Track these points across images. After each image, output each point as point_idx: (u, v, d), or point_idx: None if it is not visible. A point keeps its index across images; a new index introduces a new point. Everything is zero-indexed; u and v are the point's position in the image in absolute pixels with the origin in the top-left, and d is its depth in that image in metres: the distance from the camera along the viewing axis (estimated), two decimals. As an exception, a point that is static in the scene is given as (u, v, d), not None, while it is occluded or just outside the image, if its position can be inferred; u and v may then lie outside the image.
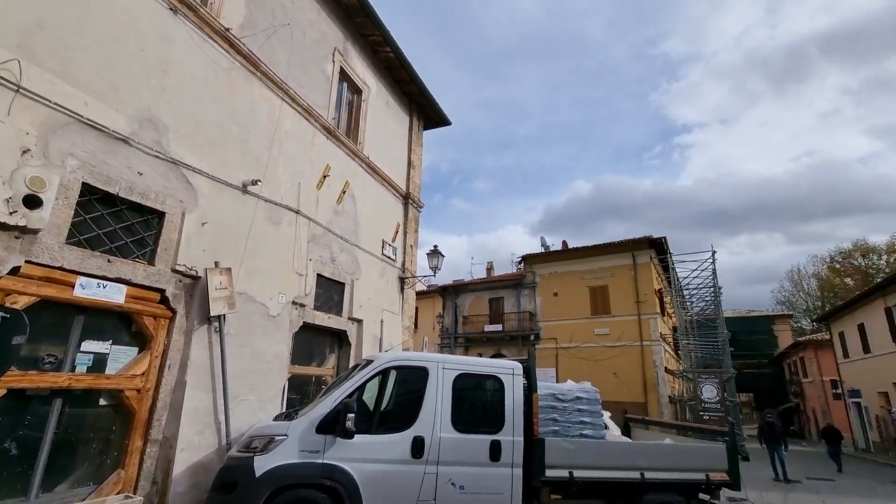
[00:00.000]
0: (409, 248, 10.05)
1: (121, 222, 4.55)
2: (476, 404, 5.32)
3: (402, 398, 5.12)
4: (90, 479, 4.21)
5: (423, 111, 10.95)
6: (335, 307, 7.59)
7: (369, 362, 4.97)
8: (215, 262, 5.27)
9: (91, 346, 4.25)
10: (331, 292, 7.51)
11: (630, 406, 17.06)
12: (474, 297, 26.35)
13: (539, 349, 22.62)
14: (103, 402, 4.38)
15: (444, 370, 4.97)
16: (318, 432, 4.32)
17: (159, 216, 4.83)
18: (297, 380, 6.76)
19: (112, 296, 4.32)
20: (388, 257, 9.20)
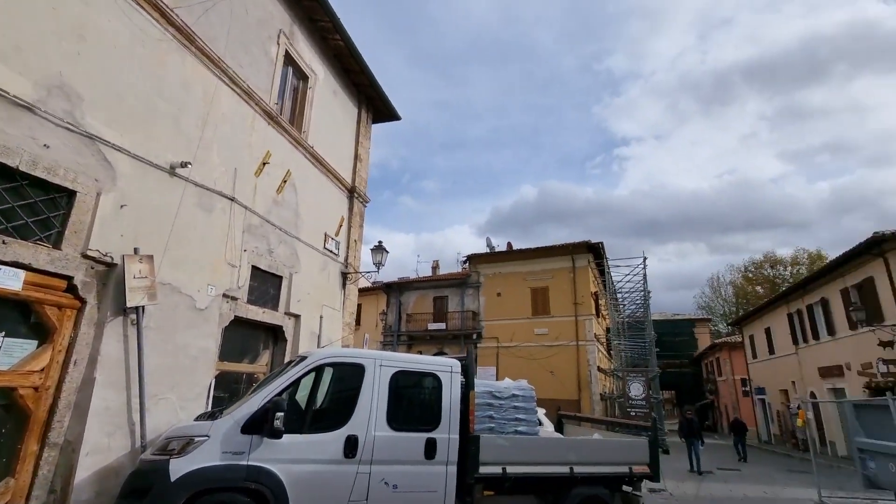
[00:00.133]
0: (354, 243, 9.82)
1: (21, 199, 4.06)
2: (413, 402, 5.26)
3: (337, 396, 4.96)
4: (-29, 488, 3.72)
5: (373, 103, 10.74)
6: (271, 301, 7.25)
7: (303, 358, 4.76)
8: (135, 249, 4.84)
9: (-22, 338, 3.75)
10: (267, 286, 7.16)
11: (564, 403, 17.78)
12: (419, 296, 26.31)
13: (481, 348, 23.00)
14: (-9, 401, 3.88)
15: (382, 367, 4.88)
16: (243, 432, 4.08)
17: (69, 195, 4.36)
18: (226, 377, 6.39)
19: (6, 281, 3.85)
20: (331, 251, 8.93)
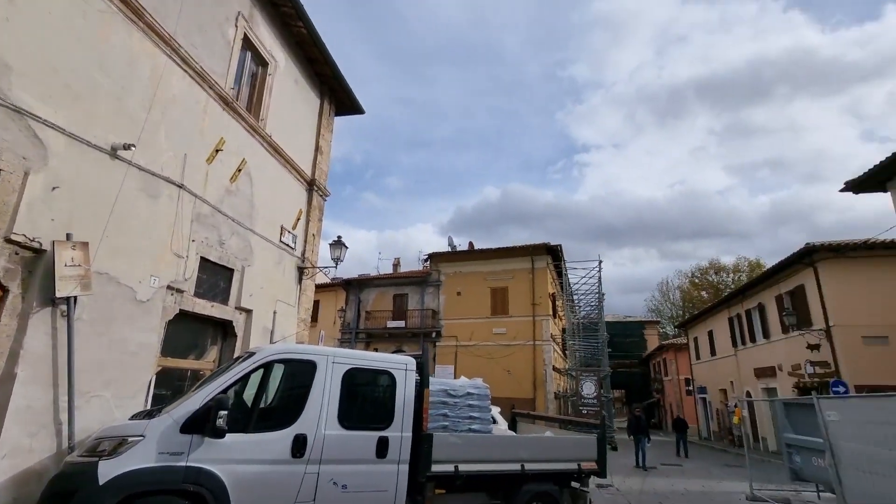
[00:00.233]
0: (312, 237, 9.56)
1: (-68, 176, 3.67)
2: (366, 400, 5.18)
3: (287, 394, 4.80)
4: None
5: (336, 95, 10.49)
6: (221, 295, 6.93)
7: (251, 354, 4.57)
8: (67, 235, 4.49)
9: None
10: (217, 278, 6.84)
11: (520, 402, 18.10)
12: (379, 293, 26.01)
13: (440, 346, 23.03)
14: None
15: (334, 364, 4.75)
16: (183, 432, 3.86)
17: (-9, 174, 3.99)
18: (169, 374, 6.06)
19: (-89, 266, 3.46)
20: (287, 245, 8.65)
